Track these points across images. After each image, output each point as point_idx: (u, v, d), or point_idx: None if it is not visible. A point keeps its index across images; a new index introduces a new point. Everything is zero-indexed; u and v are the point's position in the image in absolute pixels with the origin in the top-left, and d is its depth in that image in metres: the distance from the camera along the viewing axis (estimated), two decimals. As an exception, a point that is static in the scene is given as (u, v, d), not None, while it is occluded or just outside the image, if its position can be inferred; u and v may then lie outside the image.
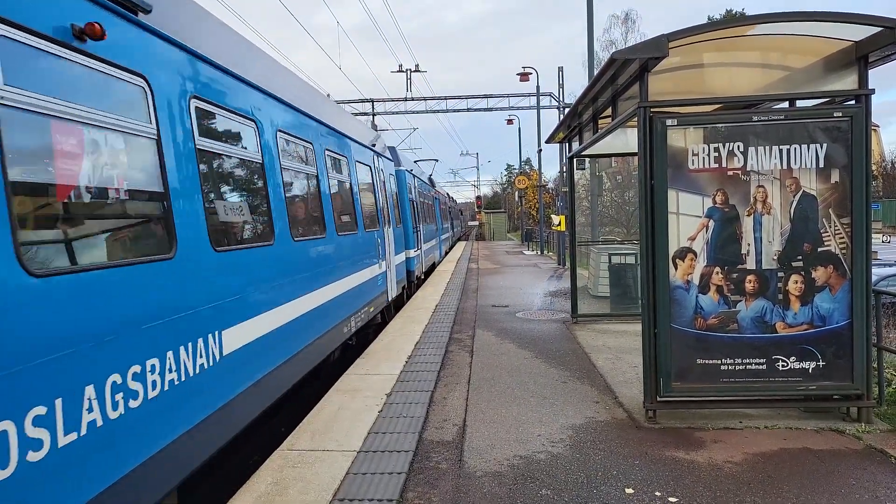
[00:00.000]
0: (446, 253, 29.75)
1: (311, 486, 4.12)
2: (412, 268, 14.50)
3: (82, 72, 3.10)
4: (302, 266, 6.11)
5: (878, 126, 64.20)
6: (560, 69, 27.54)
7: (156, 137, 3.70)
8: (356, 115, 31.15)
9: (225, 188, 4.91)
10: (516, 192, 46.58)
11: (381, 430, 5.18)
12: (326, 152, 7.66)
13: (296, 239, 5.99)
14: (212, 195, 4.49)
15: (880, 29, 4.74)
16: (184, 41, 4.15)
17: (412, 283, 14.72)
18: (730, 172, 5.14)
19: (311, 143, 7.01)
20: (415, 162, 15.76)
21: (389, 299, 11.11)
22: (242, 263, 4.73)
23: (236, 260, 4.62)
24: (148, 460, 3.32)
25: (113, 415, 3.04)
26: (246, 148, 5.21)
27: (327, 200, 7.37)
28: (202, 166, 4.30)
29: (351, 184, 8.88)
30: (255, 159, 5.33)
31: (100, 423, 2.93)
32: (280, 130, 5.94)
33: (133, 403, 3.22)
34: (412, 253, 14.64)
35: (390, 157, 13.96)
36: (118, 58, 3.37)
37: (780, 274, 5.12)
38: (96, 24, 3.10)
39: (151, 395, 3.39)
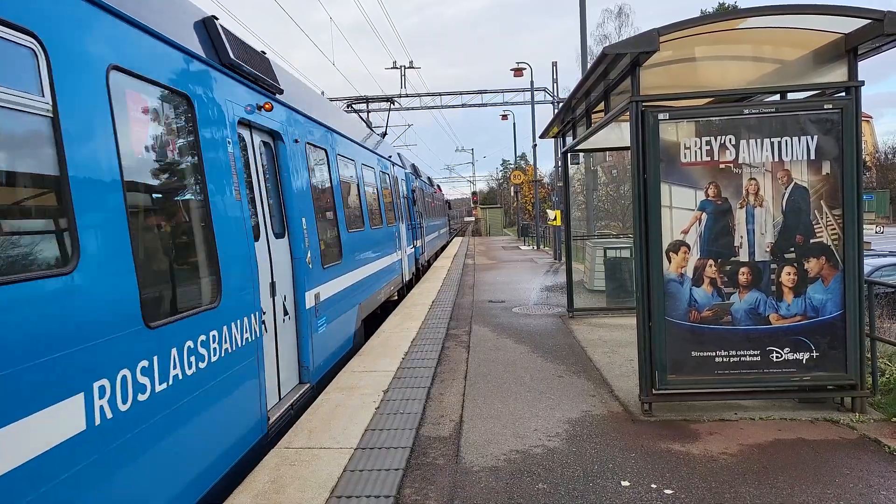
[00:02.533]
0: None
1: (308, 483, 4.14)
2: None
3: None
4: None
5: (870, 117, 64.32)
6: (554, 64, 27.53)
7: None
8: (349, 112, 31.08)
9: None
10: (512, 188, 46.61)
11: (379, 426, 5.20)
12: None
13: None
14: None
15: (869, 21, 4.76)
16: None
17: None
18: (722, 165, 5.16)
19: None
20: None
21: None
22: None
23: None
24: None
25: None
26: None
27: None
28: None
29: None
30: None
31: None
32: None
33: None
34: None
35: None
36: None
37: (773, 266, 5.14)
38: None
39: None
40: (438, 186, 28.71)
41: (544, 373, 6.81)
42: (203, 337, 3.91)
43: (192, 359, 3.76)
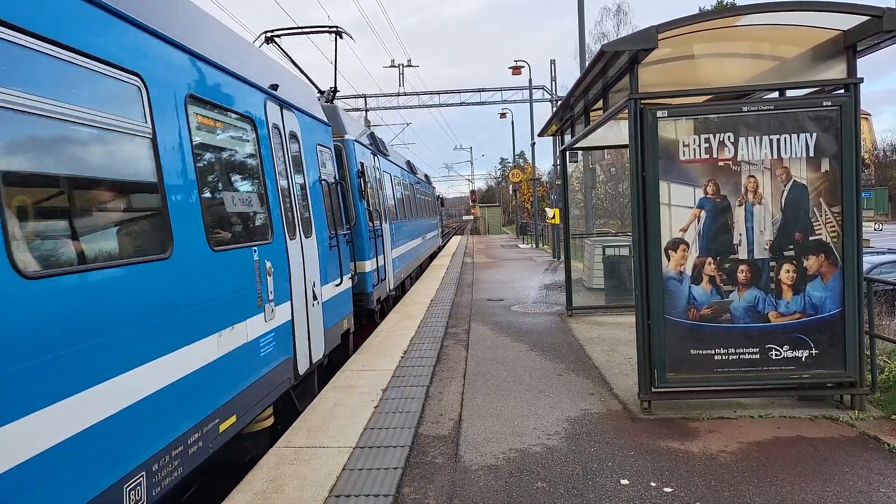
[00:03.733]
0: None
1: (307, 482, 4.13)
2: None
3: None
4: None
5: (869, 114, 64.39)
6: (552, 62, 27.54)
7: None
8: (348, 110, 31.04)
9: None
10: (510, 186, 46.59)
11: (377, 425, 5.19)
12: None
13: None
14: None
15: (867, 18, 4.75)
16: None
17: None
18: (721, 163, 5.15)
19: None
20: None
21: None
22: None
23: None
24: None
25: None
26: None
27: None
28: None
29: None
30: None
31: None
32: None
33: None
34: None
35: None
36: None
37: (772, 263, 5.13)
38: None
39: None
40: (427, 178, 24.55)
41: (543, 371, 6.80)
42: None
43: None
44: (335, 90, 10.84)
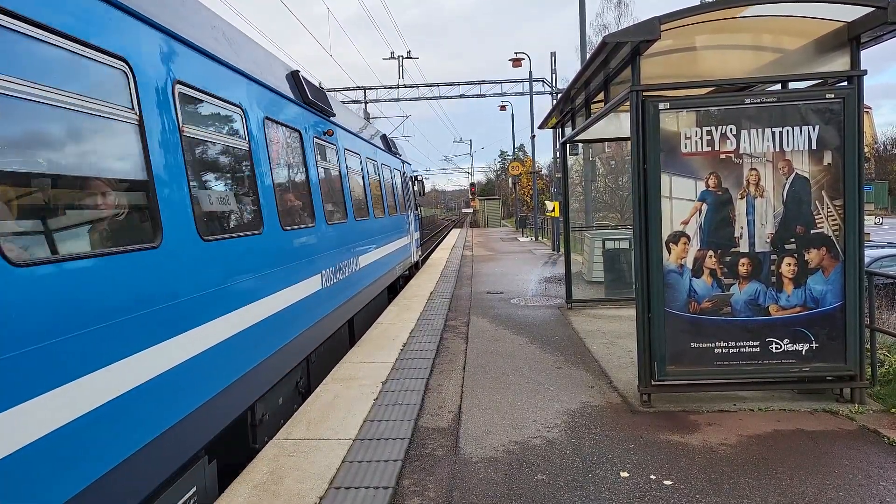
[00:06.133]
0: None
1: (307, 474, 4.13)
2: None
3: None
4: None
5: (870, 108, 64.18)
6: (552, 54, 27.45)
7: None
8: (347, 102, 30.94)
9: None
10: (510, 179, 46.49)
11: (377, 418, 5.18)
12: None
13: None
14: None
15: (872, 9, 4.71)
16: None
17: None
18: (722, 156, 5.13)
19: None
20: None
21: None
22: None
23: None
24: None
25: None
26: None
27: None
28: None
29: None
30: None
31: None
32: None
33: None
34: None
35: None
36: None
37: (773, 257, 5.12)
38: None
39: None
40: (389, 142, 14.31)
41: (543, 364, 6.80)
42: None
43: None
44: None
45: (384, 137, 14.01)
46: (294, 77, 7.02)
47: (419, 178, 18.96)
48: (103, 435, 2.95)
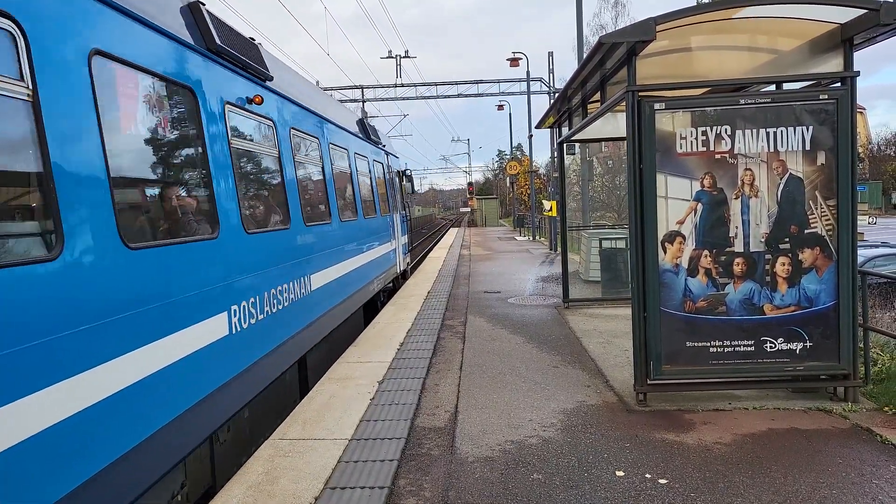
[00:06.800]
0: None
1: (302, 474, 4.14)
2: None
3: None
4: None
5: (864, 109, 64.42)
6: (550, 54, 27.47)
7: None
8: (344, 101, 30.92)
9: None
10: (508, 178, 46.52)
11: (373, 417, 5.20)
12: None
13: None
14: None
15: (865, 11, 4.74)
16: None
17: None
18: (717, 156, 5.15)
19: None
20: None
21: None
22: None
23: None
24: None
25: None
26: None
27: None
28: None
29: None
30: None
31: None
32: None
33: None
34: None
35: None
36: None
37: (768, 256, 5.15)
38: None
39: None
40: (367, 128, 12.18)
41: (539, 363, 6.82)
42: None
43: None
44: None
45: (361, 122, 11.81)
46: (193, 9, 4.61)
47: (408, 173, 16.71)
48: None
